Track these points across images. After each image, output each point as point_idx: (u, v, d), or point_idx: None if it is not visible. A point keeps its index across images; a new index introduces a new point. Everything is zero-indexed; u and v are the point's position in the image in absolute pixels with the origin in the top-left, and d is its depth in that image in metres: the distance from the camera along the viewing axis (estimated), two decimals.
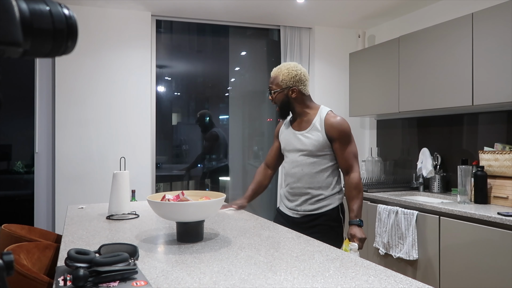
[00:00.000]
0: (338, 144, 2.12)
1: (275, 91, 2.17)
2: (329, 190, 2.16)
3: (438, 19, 3.30)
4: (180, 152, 4.91)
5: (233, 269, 1.27)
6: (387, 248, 3.01)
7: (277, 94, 2.16)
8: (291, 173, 2.22)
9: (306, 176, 2.15)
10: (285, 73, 2.14)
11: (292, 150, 2.21)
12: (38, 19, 0.54)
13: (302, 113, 2.20)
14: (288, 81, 2.14)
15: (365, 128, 4.42)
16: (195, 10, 3.75)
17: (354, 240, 2.04)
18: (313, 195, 2.15)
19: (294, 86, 2.14)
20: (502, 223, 2.27)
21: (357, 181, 2.13)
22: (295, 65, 2.18)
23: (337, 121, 2.13)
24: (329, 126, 2.12)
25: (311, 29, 4.29)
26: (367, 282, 1.16)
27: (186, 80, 4.76)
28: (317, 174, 2.14)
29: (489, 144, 2.93)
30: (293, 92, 2.14)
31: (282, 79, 2.14)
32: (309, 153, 2.14)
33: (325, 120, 2.14)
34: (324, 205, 2.15)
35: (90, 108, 3.64)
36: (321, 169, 2.14)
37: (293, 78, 2.14)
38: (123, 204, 2.16)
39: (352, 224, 2.08)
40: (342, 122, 2.14)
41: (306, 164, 2.15)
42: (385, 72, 3.54)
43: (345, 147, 2.12)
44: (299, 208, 2.19)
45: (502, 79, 2.57)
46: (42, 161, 3.65)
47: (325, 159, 2.15)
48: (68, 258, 1.15)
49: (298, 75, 2.14)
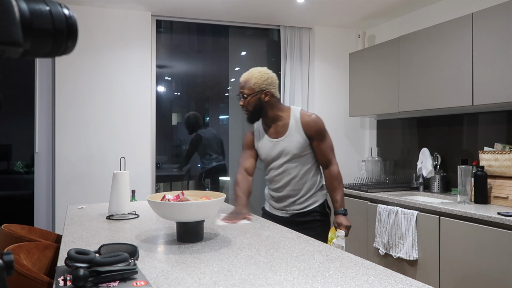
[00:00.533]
0: (317, 141, 2.18)
1: (248, 95, 2.15)
2: (315, 187, 2.24)
3: (438, 19, 3.30)
4: (180, 152, 4.91)
5: (233, 269, 1.27)
6: (387, 248, 3.01)
7: (250, 98, 2.15)
8: (275, 179, 2.24)
9: (293, 180, 2.20)
10: (258, 76, 2.15)
11: (274, 158, 2.22)
12: (38, 19, 0.54)
13: (275, 117, 2.20)
14: (261, 84, 2.14)
15: (365, 128, 4.42)
16: (195, 10, 3.75)
17: (341, 228, 2.17)
18: (301, 195, 2.22)
19: (267, 89, 2.15)
20: (502, 223, 2.27)
21: (337, 172, 2.22)
22: (266, 69, 2.21)
23: (312, 119, 2.18)
24: (307, 125, 2.16)
25: (311, 29, 4.29)
26: (367, 282, 1.16)
27: (186, 80, 4.76)
28: (303, 175, 2.20)
29: (489, 144, 2.93)
30: (266, 95, 2.15)
31: (255, 82, 2.14)
32: (293, 157, 2.17)
33: (301, 121, 2.17)
34: (311, 202, 2.23)
35: (90, 108, 3.64)
36: (306, 169, 2.20)
37: (266, 81, 2.15)
38: (123, 204, 2.17)
39: (338, 214, 2.21)
40: (317, 119, 2.19)
41: (292, 169, 2.19)
42: (385, 72, 3.54)
43: (322, 143, 2.19)
44: (288, 209, 2.24)
45: (502, 79, 2.57)
46: (42, 161, 3.65)
47: (308, 158, 2.20)
48: (68, 258, 1.15)
49: (270, 78, 2.17)
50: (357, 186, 3.54)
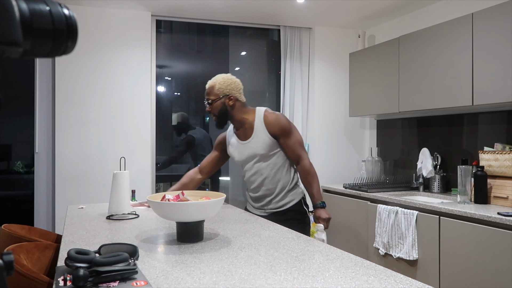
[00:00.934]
0: (283, 138, 2.24)
1: (213, 100, 2.25)
2: (288, 185, 2.30)
3: (438, 19, 3.30)
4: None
5: (233, 269, 1.27)
6: (387, 248, 3.01)
7: (215, 103, 2.25)
8: (251, 180, 2.35)
9: (266, 179, 2.28)
10: (221, 82, 2.25)
11: (246, 160, 2.32)
12: (38, 19, 0.54)
13: (242, 120, 2.29)
14: (224, 89, 2.23)
15: (365, 128, 4.42)
16: (195, 10, 3.75)
17: (319, 222, 2.24)
18: (277, 193, 2.29)
19: (231, 94, 2.24)
20: (502, 223, 2.27)
21: (308, 167, 2.27)
22: (229, 75, 2.31)
23: (274, 118, 2.25)
24: (269, 125, 2.23)
25: (311, 29, 4.29)
26: (367, 282, 1.16)
27: (186, 80, 4.76)
28: (276, 174, 2.27)
29: (489, 144, 2.93)
30: (230, 99, 2.24)
31: (219, 88, 2.24)
32: (262, 157, 2.26)
33: (264, 121, 2.25)
34: (288, 201, 2.30)
35: (90, 108, 3.64)
36: (278, 167, 2.27)
37: (229, 86, 2.24)
38: (123, 204, 2.17)
39: (316, 207, 2.28)
40: (279, 117, 2.26)
41: (263, 169, 2.27)
42: (385, 72, 3.54)
43: (289, 139, 2.25)
44: (265, 208, 2.33)
45: (502, 79, 2.57)
46: (42, 161, 3.65)
47: (278, 157, 2.27)
48: (68, 258, 1.15)
49: (233, 83, 2.26)
50: (357, 186, 3.54)
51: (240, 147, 2.32)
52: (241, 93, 2.30)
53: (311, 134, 4.27)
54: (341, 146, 4.34)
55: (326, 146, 4.28)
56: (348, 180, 4.11)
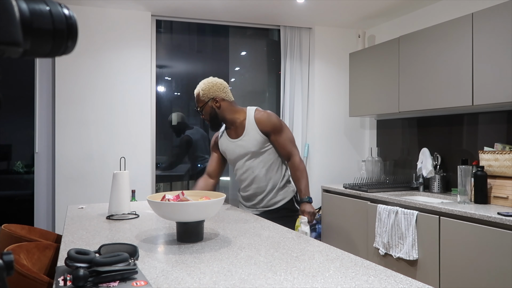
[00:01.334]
0: (274, 135, 2.28)
1: (201, 106, 2.31)
2: (279, 182, 2.34)
3: (438, 19, 3.30)
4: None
5: (233, 269, 1.27)
6: (387, 248, 3.01)
7: (204, 109, 2.31)
8: (242, 178, 2.38)
9: (257, 177, 2.32)
10: (204, 88, 2.30)
11: (237, 158, 2.36)
12: (38, 19, 0.54)
13: (233, 120, 2.33)
14: (208, 93, 2.29)
15: (365, 128, 4.42)
16: (195, 10, 3.75)
17: (304, 215, 2.28)
18: (268, 191, 2.33)
19: (215, 96, 2.29)
20: (502, 223, 2.27)
21: (298, 163, 2.31)
22: (211, 78, 2.35)
23: (265, 116, 2.29)
24: (260, 123, 2.28)
25: (311, 29, 4.29)
26: (367, 282, 1.16)
27: (186, 80, 4.75)
28: (267, 171, 2.31)
29: (489, 144, 2.93)
30: (216, 101, 2.29)
31: (203, 94, 2.30)
32: (253, 154, 2.30)
33: (255, 119, 2.29)
34: (279, 199, 2.35)
35: (90, 108, 3.64)
36: (269, 165, 2.31)
37: (211, 88, 2.29)
38: (123, 204, 2.17)
39: (303, 202, 2.31)
40: (270, 115, 2.30)
41: (255, 166, 2.31)
42: (385, 72, 3.54)
43: (280, 136, 2.29)
44: (257, 206, 2.37)
45: (502, 79, 2.57)
46: (42, 161, 3.65)
47: (270, 154, 2.31)
48: (68, 258, 1.15)
49: (215, 85, 2.30)
50: (357, 186, 3.53)
51: (231, 146, 2.36)
52: (226, 91, 2.33)
53: (311, 134, 4.27)
54: (341, 146, 4.35)
55: (326, 146, 4.28)
56: (348, 180, 4.11)
